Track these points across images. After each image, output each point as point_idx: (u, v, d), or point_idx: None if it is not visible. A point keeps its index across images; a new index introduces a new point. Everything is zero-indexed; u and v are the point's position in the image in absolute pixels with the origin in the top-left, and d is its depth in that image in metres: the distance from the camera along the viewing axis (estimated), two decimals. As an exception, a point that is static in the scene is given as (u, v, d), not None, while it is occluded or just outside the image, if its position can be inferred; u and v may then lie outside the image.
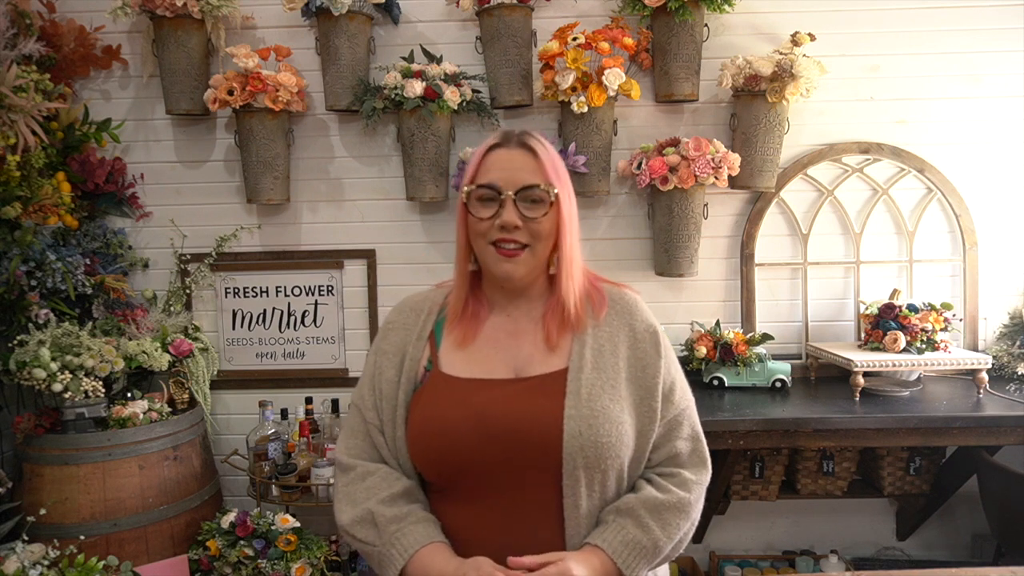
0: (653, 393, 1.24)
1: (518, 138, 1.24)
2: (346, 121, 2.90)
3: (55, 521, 2.34)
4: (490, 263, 1.23)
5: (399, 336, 1.31)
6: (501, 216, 1.19)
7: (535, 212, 1.20)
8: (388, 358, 1.30)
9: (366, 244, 2.94)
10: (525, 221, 1.20)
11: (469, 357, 1.26)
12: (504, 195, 1.19)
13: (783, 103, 2.65)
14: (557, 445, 1.16)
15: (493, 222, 1.20)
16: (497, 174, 1.21)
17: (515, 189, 1.19)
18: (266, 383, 2.96)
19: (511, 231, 1.19)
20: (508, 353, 1.26)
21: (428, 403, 1.23)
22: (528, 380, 1.23)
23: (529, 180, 1.20)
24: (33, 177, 2.58)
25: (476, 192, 1.22)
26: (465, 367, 1.25)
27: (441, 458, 1.21)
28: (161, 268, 2.96)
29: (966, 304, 2.85)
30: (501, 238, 1.20)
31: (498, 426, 1.18)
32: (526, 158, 1.22)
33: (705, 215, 2.76)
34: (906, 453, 2.75)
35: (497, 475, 1.19)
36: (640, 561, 1.17)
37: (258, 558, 2.42)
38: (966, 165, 2.84)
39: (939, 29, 2.81)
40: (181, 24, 2.69)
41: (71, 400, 2.41)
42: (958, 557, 2.95)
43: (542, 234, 1.21)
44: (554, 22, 2.74)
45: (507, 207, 1.19)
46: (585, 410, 1.18)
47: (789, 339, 2.90)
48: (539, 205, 1.21)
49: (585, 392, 1.19)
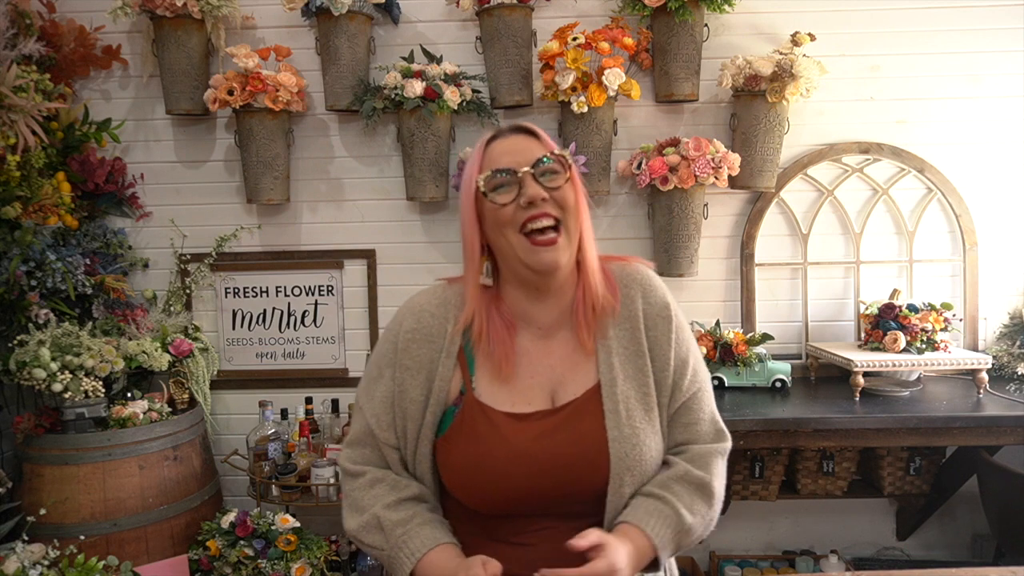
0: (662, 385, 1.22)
1: (513, 127, 1.23)
2: (346, 121, 2.90)
3: (55, 521, 2.34)
4: (524, 257, 1.15)
5: (423, 350, 1.23)
6: (525, 192, 1.14)
7: (556, 181, 1.16)
8: (412, 375, 1.22)
9: (366, 244, 2.94)
10: (549, 192, 1.15)
11: (507, 388, 1.21)
12: (521, 172, 1.15)
13: (783, 103, 2.65)
14: (604, 471, 1.16)
15: (517, 203, 1.14)
16: (507, 159, 1.17)
17: (529, 164, 1.16)
18: (266, 383, 2.96)
19: (539, 204, 1.14)
20: (543, 376, 1.22)
21: (469, 439, 1.18)
22: (566, 408, 1.20)
23: (539, 154, 1.17)
24: (33, 177, 2.58)
25: (491, 180, 1.16)
26: (504, 399, 1.20)
27: (489, 497, 1.18)
28: (161, 268, 2.96)
29: (966, 304, 2.85)
30: (532, 216, 1.14)
31: (545, 464, 1.16)
32: (528, 140, 1.20)
33: (705, 215, 2.76)
34: (906, 453, 2.75)
35: (545, 507, 1.18)
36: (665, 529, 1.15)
37: (258, 558, 2.42)
38: (966, 165, 2.84)
39: (939, 29, 2.81)
40: (181, 24, 2.69)
41: (71, 400, 2.41)
42: (958, 557, 2.95)
43: (569, 204, 1.16)
44: (554, 22, 2.74)
45: (527, 183, 1.14)
46: (627, 430, 1.17)
47: (789, 339, 2.91)
48: (556, 175, 1.17)
49: (623, 408, 1.18)
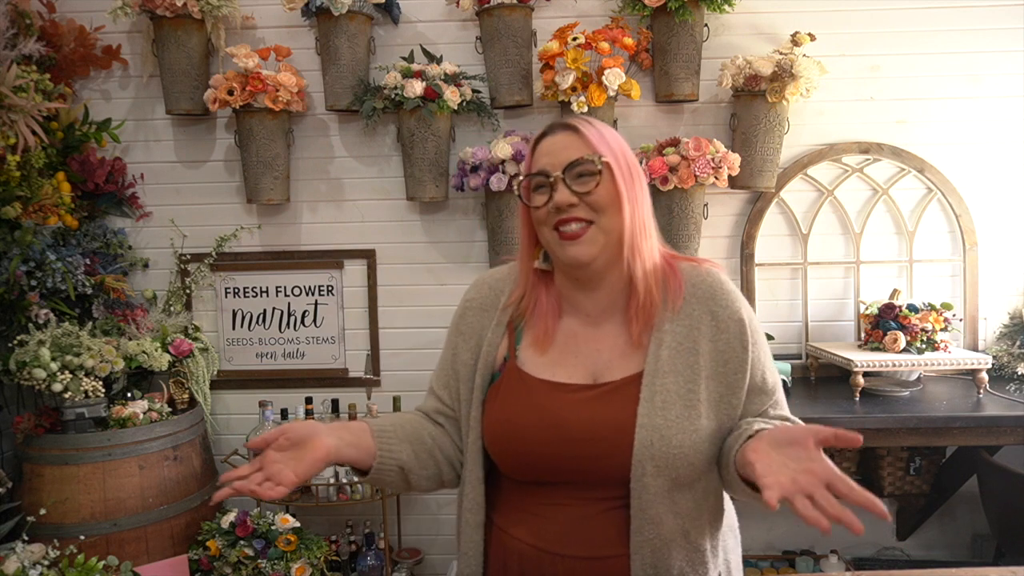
0: (735, 390, 1.20)
1: (563, 123, 1.24)
2: (346, 121, 2.90)
3: (55, 521, 2.35)
4: (556, 251, 1.21)
5: (476, 318, 1.31)
6: (554, 198, 1.18)
7: (586, 186, 1.18)
8: (465, 340, 1.31)
9: (366, 244, 2.94)
10: (580, 197, 1.18)
11: (548, 359, 1.25)
12: (553, 176, 1.19)
13: (783, 103, 2.65)
14: (627, 454, 1.14)
15: (548, 206, 1.19)
16: (545, 160, 1.21)
17: (562, 168, 1.19)
18: (266, 383, 2.96)
19: (567, 210, 1.17)
20: (588, 358, 1.23)
21: (505, 403, 1.23)
22: (604, 386, 1.20)
23: (574, 156, 1.19)
24: (33, 177, 2.58)
25: (528, 183, 1.23)
26: (544, 368, 1.24)
27: (517, 460, 1.22)
28: (161, 268, 2.96)
29: (966, 304, 2.85)
30: (561, 219, 1.18)
31: (571, 434, 1.17)
32: (570, 138, 1.21)
33: (705, 215, 2.76)
34: (906, 453, 2.75)
35: (569, 479, 1.19)
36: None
37: (258, 558, 2.43)
38: (966, 165, 2.84)
39: (939, 29, 2.81)
40: (181, 24, 2.69)
41: (71, 400, 2.41)
42: (958, 557, 2.95)
43: (602, 205, 1.18)
44: (554, 22, 2.74)
45: (558, 188, 1.18)
46: (658, 419, 1.15)
47: (789, 339, 2.91)
48: (589, 178, 1.18)
49: (660, 399, 1.16)
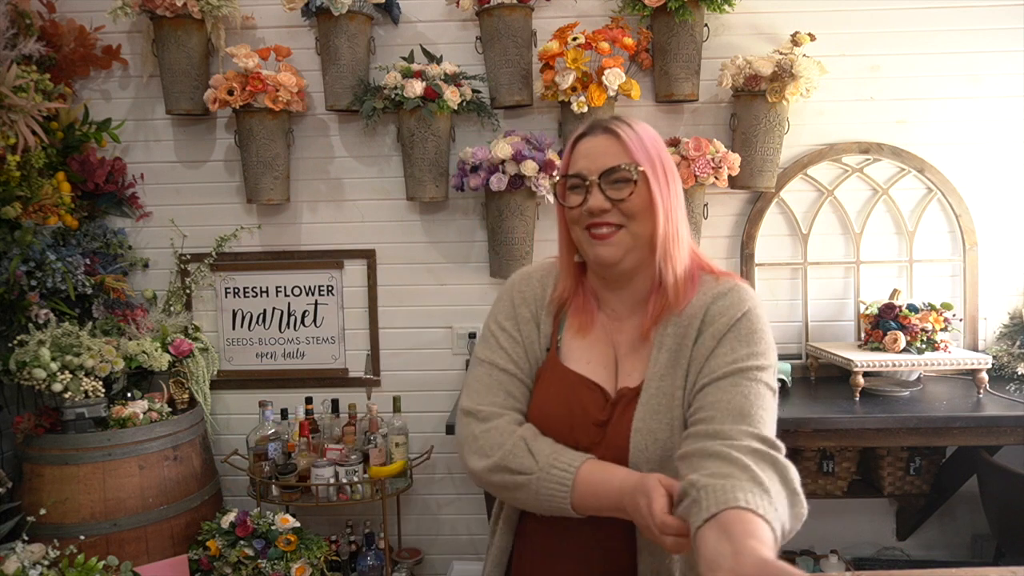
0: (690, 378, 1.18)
1: (603, 124, 1.25)
2: (346, 121, 2.90)
3: (55, 521, 2.35)
4: (586, 248, 1.24)
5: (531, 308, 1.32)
6: (588, 202, 1.20)
7: (621, 193, 1.19)
8: (527, 324, 1.31)
9: (366, 244, 2.94)
10: (613, 203, 1.20)
11: (584, 350, 1.27)
12: (589, 181, 1.20)
13: (783, 103, 2.65)
14: (624, 459, 1.16)
15: (582, 209, 1.21)
16: (583, 163, 1.22)
17: (598, 174, 1.20)
18: (266, 383, 2.96)
19: (599, 215, 1.20)
20: (610, 350, 1.26)
21: (542, 393, 1.26)
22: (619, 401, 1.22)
23: (611, 163, 1.20)
24: (33, 177, 2.58)
25: (565, 183, 1.25)
26: (579, 360, 1.26)
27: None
28: (161, 268, 2.96)
29: (966, 304, 2.85)
30: (593, 223, 1.21)
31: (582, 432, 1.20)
32: (610, 142, 1.22)
33: (705, 215, 2.76)
34: (906, 453, 2.75)
35: None
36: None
37: (258, 558, 2.42)
38: (966, 165, 2.84)
39: (939, 29, 2.81)
40: (181, 24, 2.69)
41: (71, 400, 2.41)
42: (958, 557, 2.95)
43: (634, 212, 1.20)
44: (554, 22, 2.74)
45: (593, 192, 1.20)
46: (653, 423, 1.16)
47: (789, 339, 2.90)
48: (624, 185, 1.20)
49: (655, 402, 1.18)
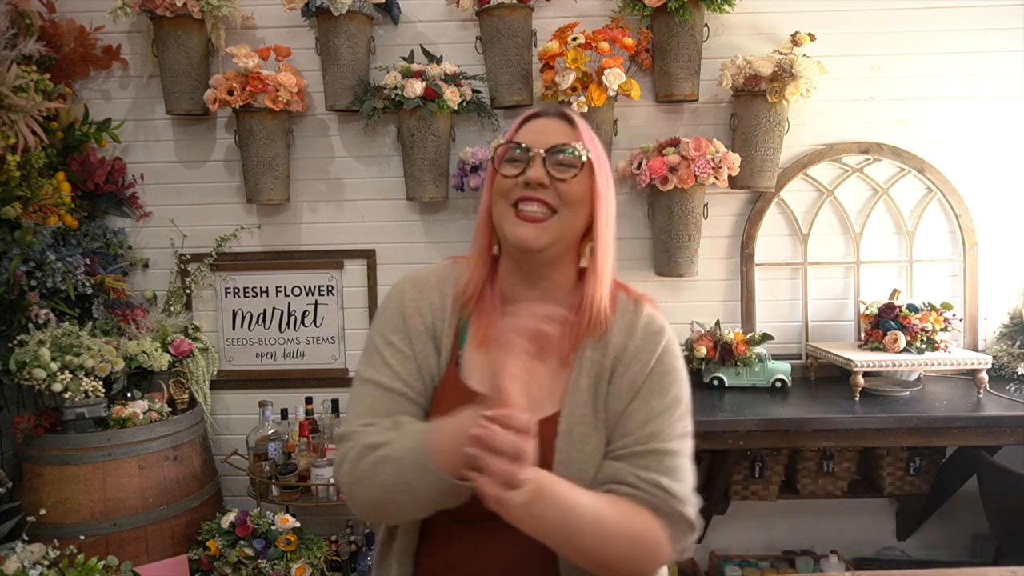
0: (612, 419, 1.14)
1: (559, 110, 1.21)
2: (346, 121, 2.90)
3: (55, 521, 2.35)
4: (507, 227, 1.14)
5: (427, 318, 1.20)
6: (527, 172, 1.13)
7: (564, 173, 1.14)
8: (420, 337, 1.19)
9: (366, 244, 2.94)
10: (553, 181, 1.13)
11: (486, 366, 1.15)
12: (533, 152, 1.14)
13: (783, 103, 2.65)
14: None
15: (518, 179, 1.13)
16: (530, 136, 1.16)
17: (545, 148, 1.15)
18: (266, 383, 2.96)
19: (535, 188, 1.12)
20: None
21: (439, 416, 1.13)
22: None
23: (560, 140, 1.15)
24: (33, 177, 2.58)
25: (507, 151, 1.16)
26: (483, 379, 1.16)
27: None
28: (161, 268, 2.96)
29: (966, 304, 2.84)
30: (524, 196, 1.13)
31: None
32: (562, 126, 1.18)
33: (705, 215, 2.76)
34: (906, 453, 2.75)
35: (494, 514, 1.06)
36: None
37: (258, 558, 2.43)
38: (966, 165, 2.84)
39: (939, 29, 2.81)
40: (181, 24, 2.69)
41: (71, 400, 2.41)
42: (958, 557, 2.95)
43: (571, 198, 1.14)
44: (554, 22, 2.74)
45: (535, 163, 1.13)
46: (576, 454, 1.11)
47: (789, 339, 2.90)
48: (569, 168, 1.14)
49: (577, 433, 1.12)
